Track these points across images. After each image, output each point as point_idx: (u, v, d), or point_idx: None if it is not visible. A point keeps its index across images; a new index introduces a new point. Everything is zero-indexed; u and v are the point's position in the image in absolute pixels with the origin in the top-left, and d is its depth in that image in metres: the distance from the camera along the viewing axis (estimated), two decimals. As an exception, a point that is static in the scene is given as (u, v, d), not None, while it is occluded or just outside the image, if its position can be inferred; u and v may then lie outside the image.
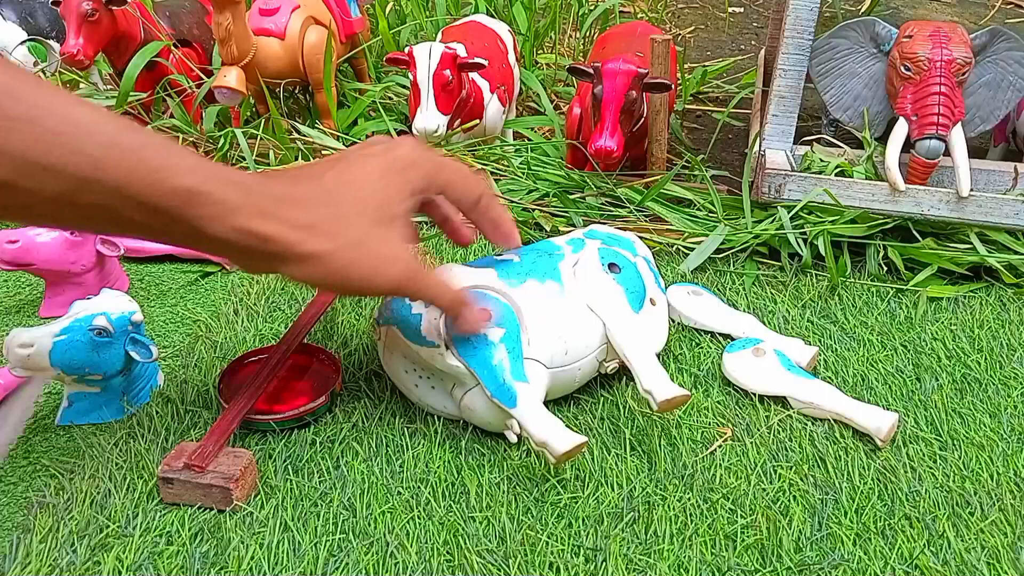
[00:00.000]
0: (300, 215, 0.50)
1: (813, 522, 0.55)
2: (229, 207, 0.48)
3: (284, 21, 1.00)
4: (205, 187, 0.47)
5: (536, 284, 0.63)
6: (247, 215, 0.48)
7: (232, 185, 0.48)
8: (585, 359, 0.63)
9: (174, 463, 0.56)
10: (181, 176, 0.46)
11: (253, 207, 0.48)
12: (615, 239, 0.70)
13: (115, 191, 0.45)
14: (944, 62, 0.79)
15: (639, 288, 0.66)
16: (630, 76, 0.85)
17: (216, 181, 0.48)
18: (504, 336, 0.59)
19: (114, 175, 0.45)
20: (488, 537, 0.54)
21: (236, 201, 0.48)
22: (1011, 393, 0.67)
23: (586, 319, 0.63)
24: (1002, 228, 0.82)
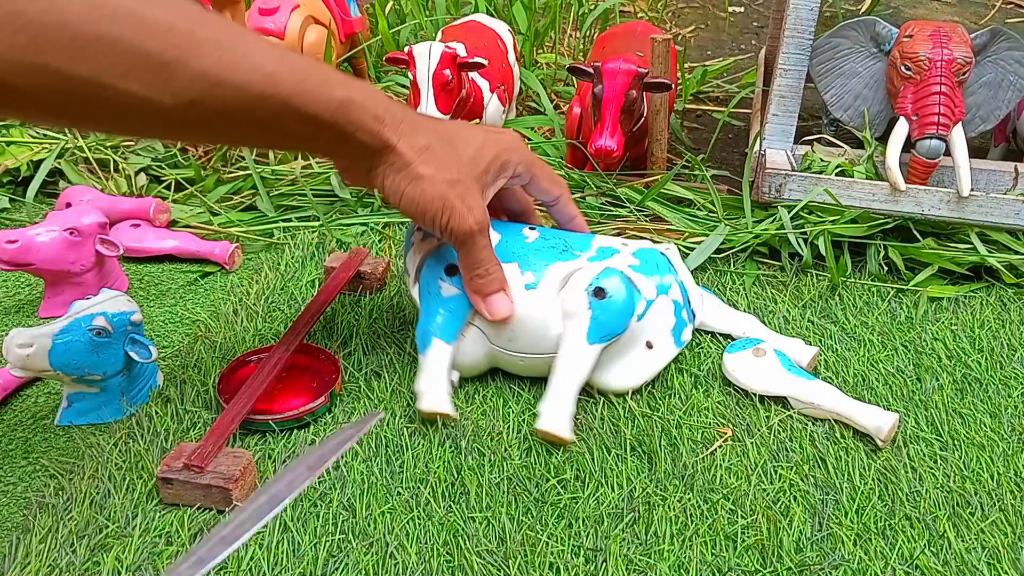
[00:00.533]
0: (420, 139, 0.58)
1: (813, 522, 0.55)
2: (372, 118, 0.55)
3: (283, 20, 1.00)
4: (357, 97, 0.54)
5: (516, 268, 0.64)
6: (386, 126, 0.56)
7: (376, 100, 0.56)
8: (530, 356, 0.64)
9: (174, 463, 0.56)
10: (339, 87, 0.54)
11: (391, 122, 0.56)
12: (651, 268, 0.65)
13: (284, 103, 0.51)
14: (944, 62, 0.79)
15: (615, 322, 0.62)
16: (630, 76, 0.85)
17: (364, 93, 0.55)
18: (454, 297, 0.64)
19: (285, 89, 0.51)
20: (488, 537, 0.54)
21: (377, 113, 0.56)
22: (1012, 393, 0.67)
23: (543, 323, 0.63)
24: (1003, 228, 0.82)
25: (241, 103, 0.50)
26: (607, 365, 0.64)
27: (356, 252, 0.79)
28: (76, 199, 0.84)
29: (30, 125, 1.03)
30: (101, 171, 0.96)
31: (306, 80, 0.52)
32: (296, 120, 0.52)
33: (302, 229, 0.89)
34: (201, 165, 0.98)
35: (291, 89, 0.51)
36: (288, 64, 0.52)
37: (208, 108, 0.49)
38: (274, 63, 0.51)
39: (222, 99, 0.49)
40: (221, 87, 0.48)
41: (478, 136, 0.62)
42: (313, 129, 0.54)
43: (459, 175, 0.59)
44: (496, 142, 0.62)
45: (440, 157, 0.59)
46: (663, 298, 0.65)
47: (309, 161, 0.96)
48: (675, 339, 0.66)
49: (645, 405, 0.65)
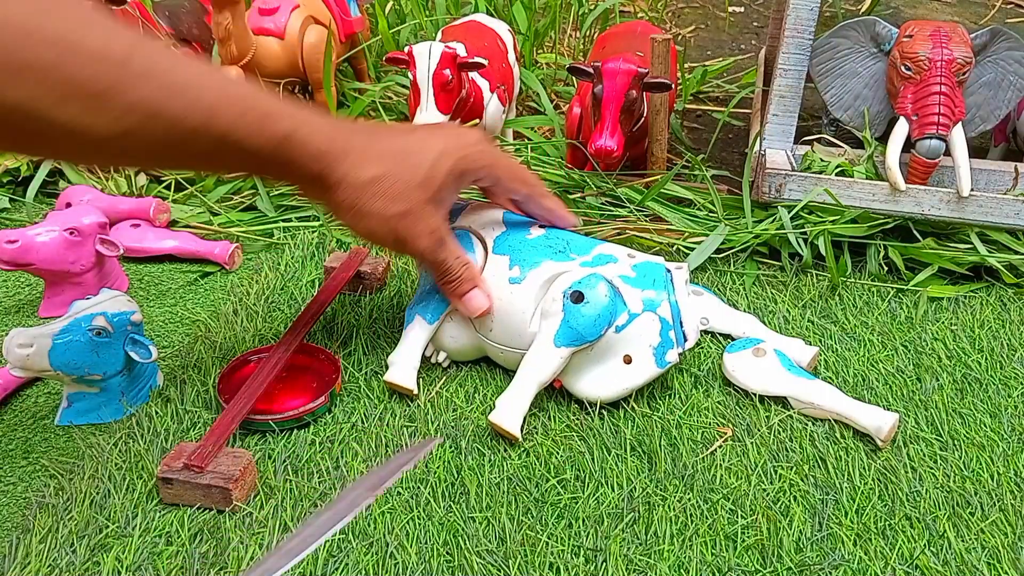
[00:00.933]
0: (369, 170, 0.56)
1: (813, 522, 0.55)
2: (315, 153, 0.54)
3: (283, 20, 1.00)
4: (301, 132, 0.53)
5: (506, 261, 0.65)
6: (329, 163, 0.55)
7: (321, 133, 0.55)
8: (509, 349, 0.65)
9: (173, 463, 0.56)
10: (282, 121, 0.52)
11: (335, 156, 0.55)
12: (645, 283, 0.63)
13: (222, 137, 0.50)
14: (944, 62, 0.79)
15: (586, 329, 0.61)
16: (630, 75, 0.85)
17: (309, 126, 0.54)
18: None
19: (224, 123, 0.50)
20: (488, 537, 0.54)
21: (321, 147, 0.54)
22: (1011, 393, 0.67)
23: (522, 318, 0.64)
24: (1002, 228, 0.82)
25: (177, 136, 0.48)
26: (582, 371, 0.63)
27: (356, 252, 0.79)
28: (76, 199, 0.84)
29: None
30: (101, 171, 0.96)
31: (246, 114, 0.51)
32: (235, 154, 0.52)
33: (302, 229, 0.89)
34: (201, 165, 0.98)
35: (229, 123, 0.50)
36: (229, 96, 0.50)
37: (143, 139, 0.48)
38: (214, 96, 0.49)
39: (157, 131, 0.48)
40: (156, 119, 0.47)
41: (435, 147, 0.60)
42: (255, 162, 0.53)
43: (409, 205, 0.58)
44: (455, 150, 0.60)
45: (388, 189, 0.57)
46: (649, 315, 0.62)
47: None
48: (656, 358, 0.63)
49: (645, 405, 0.65)
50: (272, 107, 0.53)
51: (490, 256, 0.66)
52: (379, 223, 0.58)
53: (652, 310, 0.62)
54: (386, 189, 0.57)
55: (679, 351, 0.64)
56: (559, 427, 0.63)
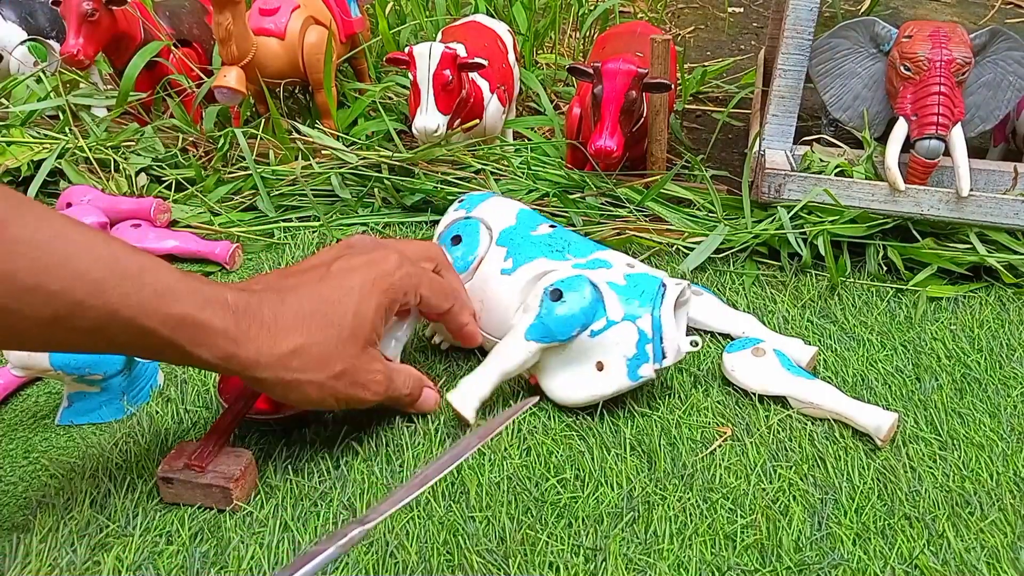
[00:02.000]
0: (285, 342, 0.51)
1: (813, 522, 0.55)
2: (219, 334, 0.49)
3: (284, 21, 1.00)
4: (201, 314, 0.48)
5: (502, 252, 0.66)
6: (237, 343, 0.50)
7: (224, 310, 0.49)
8: (492, 338, 0.66)
9: (174, 463, 0.56)
10: (177, 302, 0.47)
11: (243, 335, 0.50)
12: (631, 294, 0.62)
13: (111, 315, 0.45)
14: (944, 62, 0.79)
15: (558, 327, 0.61)
16: (630, 76, 0.85)
17: (209, 307, 0.49)
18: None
19: (112, 299, 0.45)
20: (488, 537, 0.54)
21: (225, 328, 0.49)
22: (1011, 393, 0.67)
23: (507, 309, 0.65)
24: (1002, 228, 0.82)
25: (57, 311, 0.44)
26: (554, 371, 0.63)
27: None
28: (76, 199, 0.84)
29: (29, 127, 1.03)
30: (101, 171, 0.96)
31: (141, 290, 0.46)
32: (127, 332, 0.46)
33: (302, 229, 0.90)
34: (202, 165, 0.98)
35: (119, 299, 0.45)
36: (120, 271, 0.46)
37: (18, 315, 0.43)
38: (102, 268, 0.45)
39: (34, 306, 0.43)
40: (32, 293, 0.43)
41: (354, 288, 0.54)
42: (151, 342, 0.48)
43: (343, 364, 0.53)
44: (377, 284, 0.55)
45: (316, 355, 0.52)
46: (628, 324, 0.61)
47: (309, 161, 0.96)
48: (629, 370, 0.61)
49: (645, 405, 0.65)
50: (168, 284, 0.48)
51: (492, 246, 0.68)
52: (316, 390, 0.53)
53: (632, 321, 0.61)
54: (313, 356, 0.52)
55: (655, 367, 0.62)
56: (559, 427, 0.63)
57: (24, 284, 0.42)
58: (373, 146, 0.97)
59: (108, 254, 0.46)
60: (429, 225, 0.91)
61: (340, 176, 0.94)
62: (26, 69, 1.14)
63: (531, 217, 0.70)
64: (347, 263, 0.56)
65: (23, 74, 1.12)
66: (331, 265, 0.56)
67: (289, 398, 0.54)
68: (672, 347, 0.62)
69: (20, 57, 1.15)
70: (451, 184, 0.91)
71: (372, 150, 0.95)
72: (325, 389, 0.53)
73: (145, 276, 0.47)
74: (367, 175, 0.94)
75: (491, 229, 0.69)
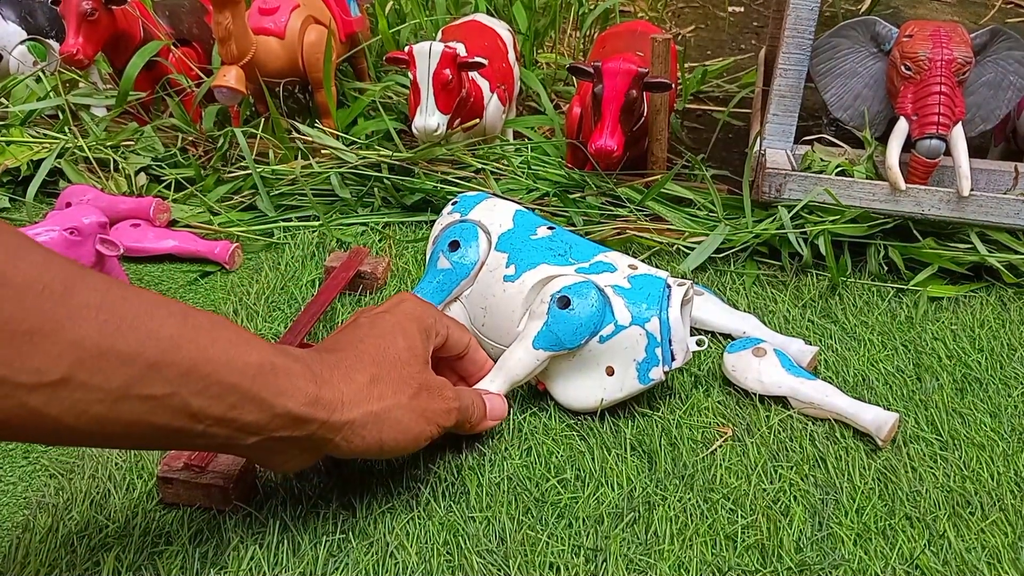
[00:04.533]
0: (359, 376, 0.50)
1: (813, 522, 0.55)
2: (299, 376, 0.46)
3: (284, 20, 1.00)
4: (278, 359, 0.46)
5: (503, 258, 0.66)
6: (318, 383, 0.47)
7: (295, 356, 0.48)
8: (499, 346, 0.65)
9: (173, 463, 0.55)
10: (254, 350, 0.45)
11: (320, 376, 0.48)
12: (638, 297, 0.61)
13: (187, 373, 0.42)
14: (944, 61, 0.79)
15: (567, 335, 0.61)
16: (630, 75, 0.85)
17: (283, 353, 0.47)
18: (446, 271, 0.68)
19: (189, 354, 0.42)
20: (488, 537, 0.54)
21: (303, 370, 0.47)
22: (1011, 393, 0.67)
23: (511, 316, 0.64)
24: (1003, 228, 0.82)
25: (129, 377, 0.40)
26: (564, 377, 0.63)
27: (356, 252, 0.79)
28: (76, 199, 0.84)
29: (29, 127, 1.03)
30: (101, 171, 0.96)
31: (215, 343, 0.43)
32: (205, 394, 0.42)
33: (302, 229, 0.89)
34: (201, 165, 0.98)
35: (197, 354, 0.42)
36: (193, 323, 0.43)
37: (82, 388, 0.38)
38: (175, 325, 0.42)
39: (103, 373, 0.39)
40: (103, 359, 0.39)
41: (391, 325, 0.54)
42: (231, 401, 0.43)
43: (416, 381, 0.52)
44: (408, 317, 0.55)
45: (390, 379, 0.51)
46: (636, 328, 0.61)
47: (309, 161, 0.96)
48: (639, 374, 0.61)
49: (645, 405, 0.65)
50: (242, 336, 0.45)
51: (492, 251, 0.67)
52: (407, 414, 0.51)
53: (640, 324, 0.61)
54: (390, 381, 0.51)
55: (665, 369, 0.61)
56: (559, 427, 0.63)
57: (95, 349, 0.39)
58: (373, 146, 0.97)
59: (178, 310, 0.43)
60: (428, 225, 0.91)
61: (340, 176, 0.94)
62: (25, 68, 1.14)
63: (528, 219, 0.70)
64: (368, 319, 0.55)
65: (23, 73, 1.11)
66: (361, 320, 0.55)
67: (384, 439, 0.50)
68: (681, 348, 0.62)
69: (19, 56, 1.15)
70: (451, 184, 0.91)
71: (372, 150, 0.95)
72: (414, 410, 0.51)
73: (217, 330, 0.44)
74: (367, 175, 0.94)
75: (489, 233, 0.69)
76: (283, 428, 0.46)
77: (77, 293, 0.39)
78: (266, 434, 0.46)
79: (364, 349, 0.52)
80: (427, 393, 0.53)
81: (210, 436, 0.44)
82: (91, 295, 0.39)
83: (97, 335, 0.39)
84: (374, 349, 0.52)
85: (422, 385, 0.52)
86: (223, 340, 0.44)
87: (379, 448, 0.50)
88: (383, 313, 0.55)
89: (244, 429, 0.45)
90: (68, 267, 0.40)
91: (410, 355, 0.53)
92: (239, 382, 0.43)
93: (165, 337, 0.41)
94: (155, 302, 0.42)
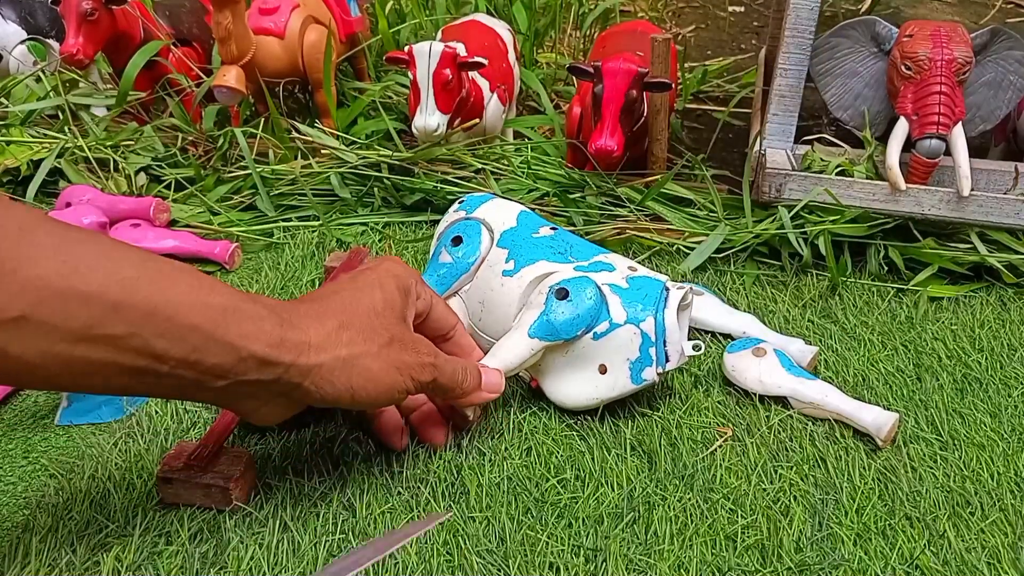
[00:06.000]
0: (330, 321, 0.49)
1: (813, 522, 0.55)
2: (265, 319, 0.46)
3: (284, 20, 1.00)
4: (244, 304, 0.46)
5: (503, 254, 0.66)
6: (283, 326, 0.47)
7: (262, 301, 0.47)
8: (492, 340, 0.65)
9: (173, 463, 0.55)
10: (216, 293, 0.45)
11: (287, 321, 0.47)
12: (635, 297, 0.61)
13: (148, 315, 0.42)
14: (945, 61, 0.79)
15: (563, 326, 0.60)
16: (630, 75, 0.85)
17: (249, 298, 0.47)
18: (447, 265, 0.68)
19: (147, 295, 0.42)
20: (488, 537, 0.54)
21: (270, 312, 0.47)
22: (1012, 393, 0.67)
23: (507, 311, 0.64)
24: (1003, 228, 0.82)
25: (90, 317, 0.40)
26: (557, 374, 0.63)
27: (356, 252, 0.79)
28: (76, 199, 0.84)
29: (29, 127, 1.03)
30: (101, 170, 0.96)
31: (176, 284, 0.43)
32: (167, 336, 0.42)
33: (302, 229, 0.89)
34: (201, 165, 0.98)
35: (156, 295, 0.42)
36: (153, 267, 0.43)
37: (43, 328, 0.39)
38: (134, 267, 0.42)
39: (63, 313, 0.39)
40: (62, 298, 0.39)
41: (370, 280, 0.53)
42: (193, 343, 0.43)
43: (387, 332, 0.51)
44: (387, 274, 0.54)
45: (359, 326, 0.50)
46: (631, 327, 0.60)
47: (309, 160, 0.96)
48: (632, 373, 0.61)
49: (645, 405, 0.65)
50: (203, 280, 0.45)
51: (493, 247, 0.68)
52: (376, 362, 0.49)
53: (635, 324, 0.61)
54: (359, 329, 0.50)
55: (658, 371, 0.61)
56: (559, 427, 0.63)
57: (54, 288, 0.39)
58: (373, 145, 0.97)
59: (137, 253, 0.44)
60: (429, 225, 0.91)
61: (340, 176, 0.94)
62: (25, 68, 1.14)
63: (532, 219, 0.70)
64: (349, 276, 0.55)
65: (22, 73, 1.11)
66: (337, 282, 0.55)
67: (354, 385, 0.49)
68: (675, 351, 0.62)
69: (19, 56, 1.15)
70: (451, 184, 0.91)
71: (372, 149, 0.95)
72: (386, 360, 0.50)
73: (178, 274, 0.44)
74: (367, 174, 0.94)
75: (492, 231, 0.69)
76: (250, 371, 0.46)
77: (34, 234, 0.40)
78: (233, 377, 0.45)
79: (337, 299, 0.51)
80: (400, 344, 0.51)
81: (177, 377, 0.44)
82: (48, 238, 0.40)
83: (55, 275, 0.39)
84: (348, 299, 0.51)
85: (395, 337, 0.51)
86: (184, 283, 0.44)
87: (350, 396, 0.49)
88: (365, 270, 0.55)
89: (210, 372, 0.45)
90: (25, 212, 0.40)
91: (385, 307, 0.52)
92: (201, 323, 0.43)
93: (125, 278, 0.41)
94: (113, 245, 0.43)
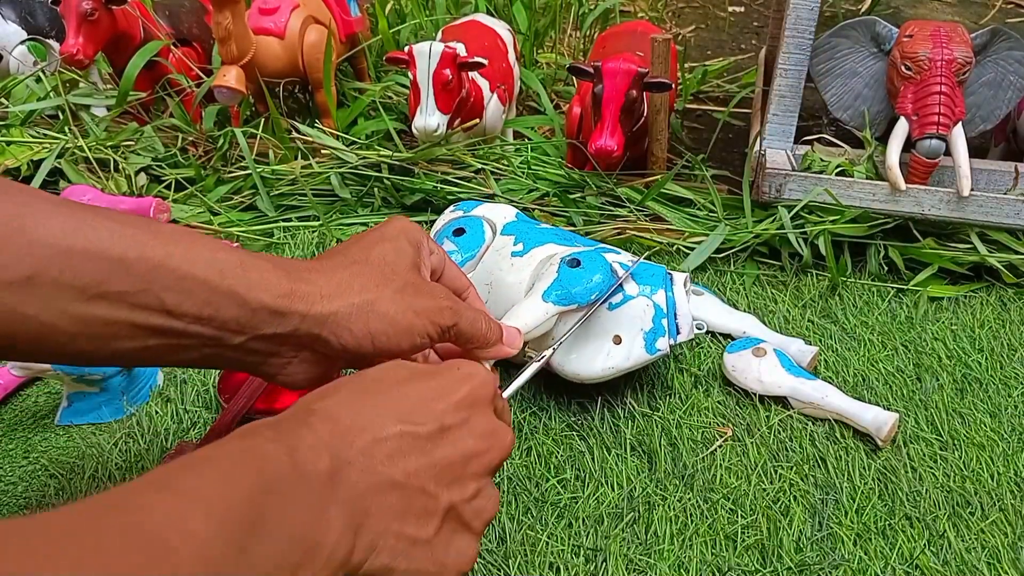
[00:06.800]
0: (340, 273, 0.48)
1: (813, 522, 0.55)
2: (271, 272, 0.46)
3: (284, 20, 1.00)
4: (249, 258, 0.46)
5: (510, 239, 0.67)
6: (291, 278, 0.46)
7: (266, 259, 0.47)
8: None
9: (174, 463, 0.55)
10: (220, 249, 0.45)
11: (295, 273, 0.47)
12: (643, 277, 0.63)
13: (154, 269, 0.42)
14: (945, 62, 0.79)
15: (577, 289, 0.60)
16: (630, 75, 0.85)
17: (253, 255, 0.47)
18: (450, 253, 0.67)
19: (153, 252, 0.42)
20: (488, 537, 0.54)
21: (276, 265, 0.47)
22: (1011, 393, 0.67)
23: (516, 290, 0.64)
24: (1003, 228, 0.82)
25: (96, 274, 0.41)
26: (571, 348, 0.63)
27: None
28: (76, 198, 0.84)
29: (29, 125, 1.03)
30: (101, 171, 0.96)
31: (178, 241, 0.43)
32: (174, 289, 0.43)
33: (302, 229, 0.89)
34: (201, 165, 0.98)
35: (162, 251, 0.42)
36: (155, 227, 0.44)
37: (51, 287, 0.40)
38: (139, 224, 0.43)
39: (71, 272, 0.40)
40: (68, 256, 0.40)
41: (376, 235, 0.52)
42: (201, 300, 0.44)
43: (400, 279, 0.49)
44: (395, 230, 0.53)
45: (370, 275, 0.49)
46: (644, 299, 0.62)
47: (309, 161, 0.96)
48: (647, 343, 0.62)
49: (645, 405, 0.65)
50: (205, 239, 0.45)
51: (497, 236, 0.69)
52: (392, 306, 0.48)
53: (647, 296, 0.62)
54: (371, 277, 0.48)
55: (670, 342, 0.63)
56: (559, 427, 0.63)
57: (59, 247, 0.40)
58: (373, 146, 0.97)
59: (138, 218, 0.44)
60: (429, 225, 0.91)
61: (340, 176, 0.94)
62: (26, 68, 1.14)
63: (530, 219, 0.71)
64: (358, 235, 0.54)
65: (23, 73, 1.11)
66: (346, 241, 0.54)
67: (374, 331, 0.47)
68: (686, 323, 0.64)
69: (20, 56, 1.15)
70: (451, 184, 0.91)
71: (372, 150, 0.95)
72: (401, 304, 0.48)
73: (179, 234, 0.44)
74: (367, 175, 0.94)
75: (493, 224, 0.70)
76: (264, 324, 0.45)
77: (36, 201, 0.41)
78: (251, 332, 0.45)
79: (346, 254, 0.50)
80: (414, 288, 0.49)
81: (196, 336, 0.44)
82: (49, 203, 0.41)
83: (60, 233, 0.40)
84: (357, 253, 0.51)
85: (409, 282, 0.49)
86: (186, 240, 0.44)
87: (371, 342, 0.47)
88: (372, 229, 0.54)
89: (226, 327, 0.45)
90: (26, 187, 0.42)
91: (397, 256, 0.51)
92: (209, 276, 0.44)
93: (128, 235, 0.42)
94: (115, 212, 0.44)
